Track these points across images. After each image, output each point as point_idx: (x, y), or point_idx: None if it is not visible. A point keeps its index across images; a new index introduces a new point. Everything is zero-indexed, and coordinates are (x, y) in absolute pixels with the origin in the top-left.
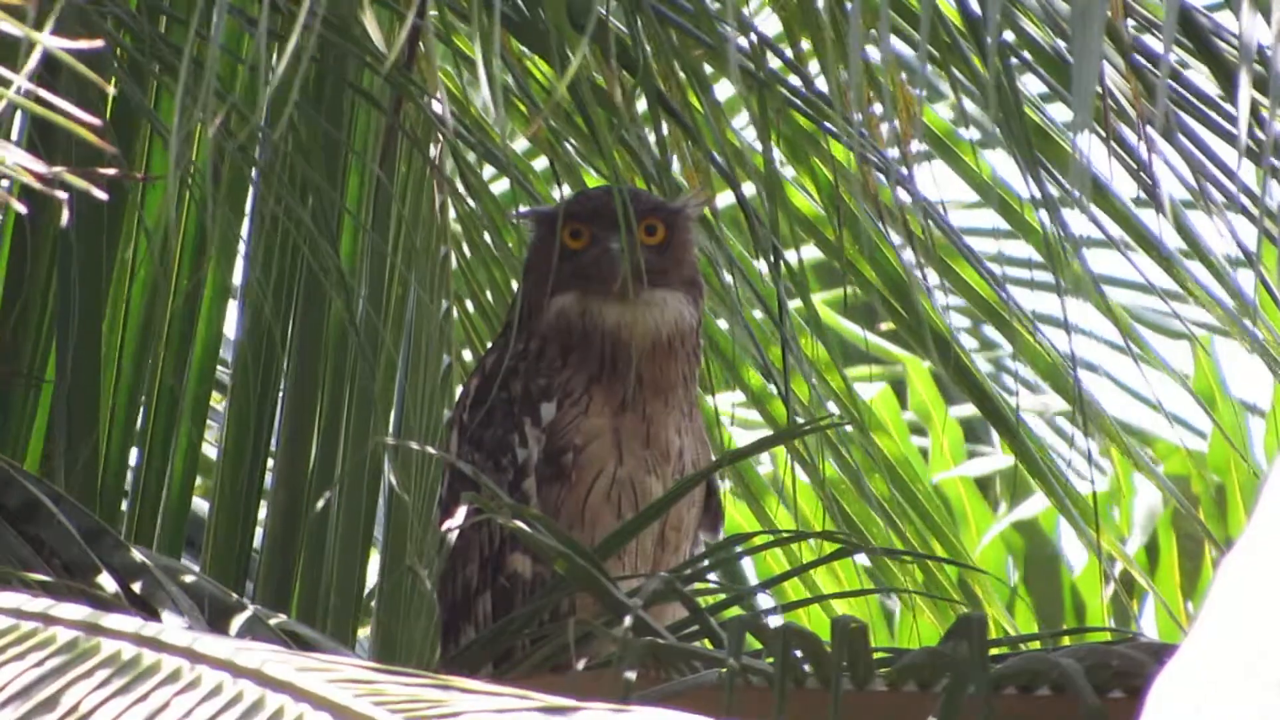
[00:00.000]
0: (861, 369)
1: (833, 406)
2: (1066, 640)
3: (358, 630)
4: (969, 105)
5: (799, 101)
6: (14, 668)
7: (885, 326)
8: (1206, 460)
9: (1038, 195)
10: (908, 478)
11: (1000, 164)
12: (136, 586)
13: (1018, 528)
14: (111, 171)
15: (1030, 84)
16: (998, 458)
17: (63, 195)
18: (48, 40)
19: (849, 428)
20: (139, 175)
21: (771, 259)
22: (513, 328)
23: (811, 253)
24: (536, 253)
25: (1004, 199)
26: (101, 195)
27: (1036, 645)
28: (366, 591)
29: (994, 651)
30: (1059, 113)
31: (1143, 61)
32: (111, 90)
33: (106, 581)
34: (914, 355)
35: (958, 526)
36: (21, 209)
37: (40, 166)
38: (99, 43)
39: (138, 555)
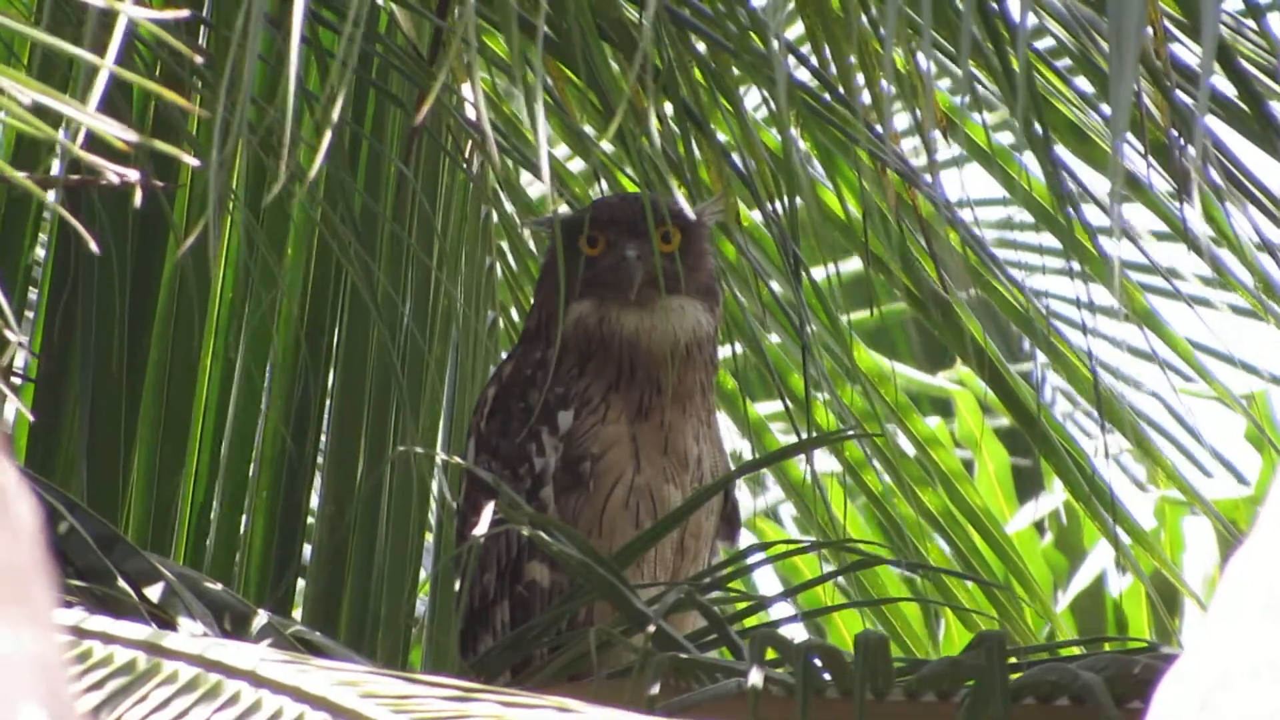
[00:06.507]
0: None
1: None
2: (1108, 647)
3: (409, 645)
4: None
5: (825, 111)
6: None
7: (943, 375)
8: (1254, 498)
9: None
10: (964, 491)
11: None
12: (152, 593)
13: (1061, 548)
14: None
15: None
16: (1048, 499)
17: (134, 175)
18: (132, 11)
19: (895, 438)
20: (163, 184)
21: (794, 270)
22: (530, 336)
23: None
24: (553, 260)
25: (1054, 220)
26: (193, 161)
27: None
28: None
29: (1017, 660)
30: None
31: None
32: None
33: (123, 588)
34: (961, 387)
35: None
36: (115, 179)
37: (129, 137)
38: (184, 13)
39: (152, 562)
